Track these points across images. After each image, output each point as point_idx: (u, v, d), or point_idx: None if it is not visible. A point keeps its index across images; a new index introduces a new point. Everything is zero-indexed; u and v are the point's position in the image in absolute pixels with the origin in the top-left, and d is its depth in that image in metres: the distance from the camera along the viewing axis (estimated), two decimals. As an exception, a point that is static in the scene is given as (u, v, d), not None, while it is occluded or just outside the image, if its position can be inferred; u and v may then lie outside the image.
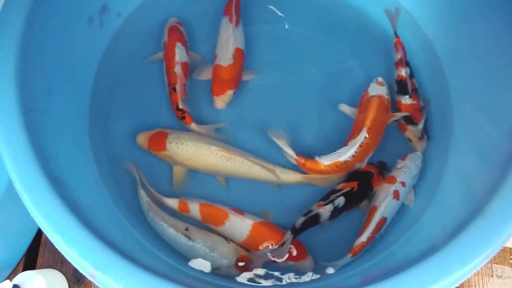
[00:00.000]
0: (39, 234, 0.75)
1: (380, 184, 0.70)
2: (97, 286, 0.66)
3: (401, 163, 0.71)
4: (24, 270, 0.72)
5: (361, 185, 0.68)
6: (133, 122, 0.75)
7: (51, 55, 0.63)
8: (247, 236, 0.66)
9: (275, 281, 0.66)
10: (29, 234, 0.73)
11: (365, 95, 0.74)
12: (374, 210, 0.67)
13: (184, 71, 0.77)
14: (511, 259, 0.74)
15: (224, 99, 0.75)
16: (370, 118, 0.69)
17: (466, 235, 0.47)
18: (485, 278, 0.73)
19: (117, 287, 0.44)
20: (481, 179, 0.58)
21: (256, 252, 0.66)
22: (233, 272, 0.65)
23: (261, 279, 0.65)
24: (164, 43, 0.79)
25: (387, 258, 0.63)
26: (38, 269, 0.73)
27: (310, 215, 0.65)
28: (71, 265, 0.46)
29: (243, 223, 0.67)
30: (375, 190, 0.70)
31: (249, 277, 0.65)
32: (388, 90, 0.74)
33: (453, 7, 0.73)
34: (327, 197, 0.67)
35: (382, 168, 0.72)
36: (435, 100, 0.76)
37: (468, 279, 0.71)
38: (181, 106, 0.74)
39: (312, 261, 0.67)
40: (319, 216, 0.65)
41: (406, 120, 0.73)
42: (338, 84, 0.80)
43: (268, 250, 0.65)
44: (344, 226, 0.69)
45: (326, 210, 0.65)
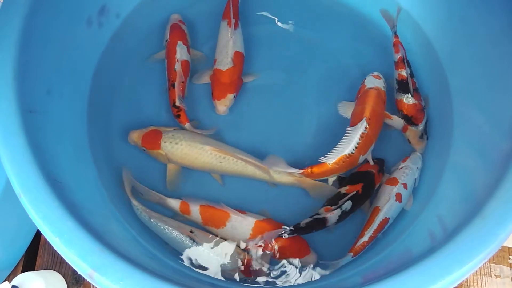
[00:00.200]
0: (38, 235, 0.74)
1: (382, 185, 0.70)
2: (95, 287, 0.66)
3: (402, 164, 0.71)
4: (23, 271, 0.72)
5: (365, 186, 0.68)
6: (132, 123, 0.75)
7: (49, 56, 0.63)
8: (250, 235, 0.66)
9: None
10: (28, 235, 0.73)
11: (362, 88, 0.73)
12: (376, 211, 0.67)
13: (184, 69, 0.77)
14: (509, 258, 0.74)
15: (225, 103, 0.75)
16: (369, 109, 0.68)
17: (465, 235, 0.47)
18: (483, 277, 0.73)
19: (115, 288, 0.44)
20: (480, 178, 0.58)
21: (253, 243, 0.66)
22: (237, 275, 0.65)
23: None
24: (166, 41, 0.80)
25: (386, 258, 0.63)
26: (37, 270, 0.73)
27: (316, 217, 0.65)
28: (70, 266, 0.46)
29: (245, 222, 0.67)
30: (377, 187, 0.70)
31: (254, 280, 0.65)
32: (385, 84, 0.74)
33: (451, 7, 0.73)
34: (335, 202, 0.67)
35: (381, 165, 0.72)
36: (434, 100, 0.76)
37: (467, 278, 0.72)
38: (177, 103, 0.74)
39: (315, 256, 0.67)
40: (326, 220, 0.65)
41: (407, 120, 0.73)
42: (337, 84, 0.80)
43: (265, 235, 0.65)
44: (345, 225, 0.69)
45: (334, 214, 0.65)
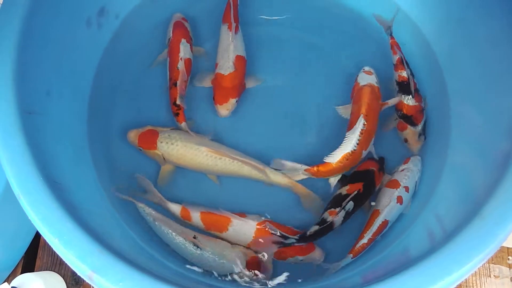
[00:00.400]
0: (37, 237, 0.74)
1: (383, 188, 0.70)
2: (95, 288, 0.66)
3: (403, 166, 0.71)
4: (22, 272, 0.72)
5: (366, 185, 0.69)
6: (131, 124, 0.75)
7: (49, 57, 0.63)
8: (252, 237, 0.67)
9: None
10: (27, 236, 0.73)
11: (356, 86, 0.75)
12: (376, 213, 0.67)
13: (187, 68, 0.77)
14: (508, 259, 0.74)
15: (227, 108, 0.75)
16: (365, 106, 0.70)
17: (464, 235, 0.47)
18: (482, 278, 0.73)
19: (114, 289, 0.44)
20: (478, 179, 0.58)
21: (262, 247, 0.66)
22: (246, 276, 0.65)
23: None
24: (169, 39, 0.80)
25: (386, 258, 0.63)
26: (36, 271, 0.72)
27: (326, 225, 0.65)
28: (69, 268, 0.46)
29: (246, 225, 0.67)
30: (378, 187, 0.70)
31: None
32: (377, 78, 0.75)
33: (450, 8, 0.73)
34: (338, 203, 0.67)
35: (381, 164, 0.72)
36: (433, 101, 0.76)
37: (466, 279, 0.72)
38: (178, 102, 0.74)
39: (321, 252, 0.67)
40: (333, 224, 0.65)
41: (406, 120, 0.73)
42: (337, 85, 0.80)
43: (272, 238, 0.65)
44: (347, 223, 0.69)
45: (339, 217, 0.66)
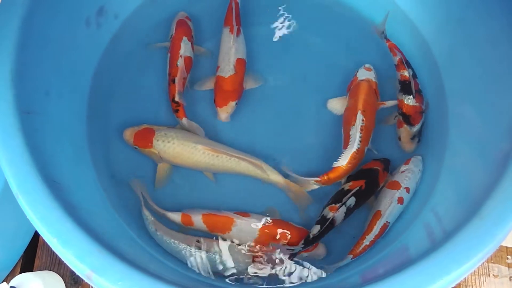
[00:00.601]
0: (36, 236, 0.74)
1: (384, 189, 0.70)
2: (94, 288, 0.66)
3: (404, 167, 0.71)
4: (21, 272, 0.72)
5: (368, 182, 0.69)
6: (131, 124, 0.75)
7: (48, 57, 0.63)
8: (257, 236, 0.67)
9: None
10: (26, 236, 0.73)
11: (354, 80, 0.76)
12: (378, 215, 0.67)
13: (186, 65, 0.77)
14: (507, 258, 0.74)
15: (227, 110, 0.75)
16: (362, 101, 0.71)
17: (463, 235, 0.47)
18: (481, 277, 0.73)
19: (113, 289, 0.44)
20: (477, 178, 0.58)
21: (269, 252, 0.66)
22: (254, 276, 0.65)
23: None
24: (171, 36, 0.80)
25: (385, 258, 0.63)
26: (35, 271, 0.72)
27: (328, 223, 0.65)
28: (68, 267, 0.46)
29: (250, 225, 0.67)
30: (382, 185, 0.70)
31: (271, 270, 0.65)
32: (376, 75, 0.76)
33: (450, 9, 0.73)
34: (339, 199, 0.67)
35: (386, 164, 0.72)
36: (432, 101, 0.76)
37: (465, 278, 0.71)
38: (177, 99, 0.74)
39: (324, 248, 0.67)
40: (334, 220, 0.65)
41: (404, 118, 0.73)
42: (337, 85, 0.80)
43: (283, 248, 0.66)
44: (349, 221, 0.69)
45: (340, 213, 0.66)
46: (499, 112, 0.60)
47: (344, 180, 0.71)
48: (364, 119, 0.70)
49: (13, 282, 0.66)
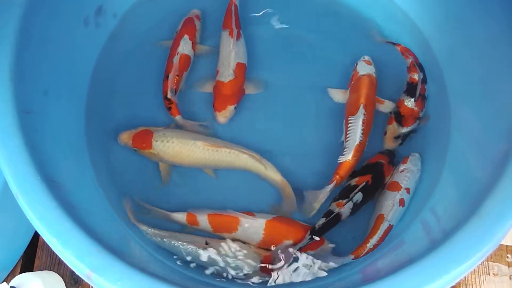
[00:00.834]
0: (36, 236, 0.74)
1: (385, 191, 0.69)
2: (94, 288, 0.66)
3: (402, 167, 0.70)
4: (21, 272, 0.72)
5: (374, 176, 0.69)
6: (130, 123, 0.75)
7: (46, 57, 0.63)
8: (263, 235, 0.66)
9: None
10: (26, 236, 0.73)
11: (355, 75, 0.76)
12: (381, 218, 0.66)
13: (181, 63, 0.77)
14: (507, 257, 0.74)
15: (225, 115, 0.75)
16: (364, 96, 0.72)
17: (462, 234, 0.47)
18: (481, 276, 0.73)
19: (113, 289, 0.44)
20: (477, 178, 0.58)
21: (278, 249, 0.66)
22: (262, 275, 0.65)
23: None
24: (176, 32, 0.80)
25: (385, 257, 0.63)
26: (35, 271, 0.72)
27: (332, 216, 0.65)
28: (68, 267, 0.46)
29: (255, 224, 0.67)
30: (387, 180, 0.70)
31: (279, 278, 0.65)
32: (375, 69, 0.76)
33: (448, 7, 0.73)
34: (346, 194, 0.67)
35: (391, 157, 0.72)
36: (432, 100, 0.76)
37: (465, 277, 0.71)
38: (169, 96, 0.74)
39: (329, 244, 0.67)
40: (340, 215, 0.65)
41: (396, 116, 0.73)
42: (336, 83, 0.80)
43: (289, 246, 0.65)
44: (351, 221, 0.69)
45: (346, 208, 0.66)
46: (500, 112, 0.60)
47: (351, 176, 0.71)
48: (365, 113, 0.71)
49: (13, 282, 0.66)
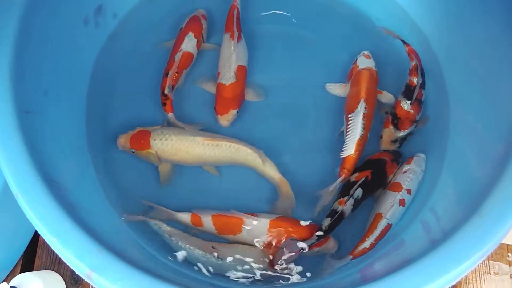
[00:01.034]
0: (36, 236, 0.74)
1: (385, 191, 0.69)
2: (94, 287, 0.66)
3: (406, 167, 0.70)
4: (21, 271, 0.72)
5: (375, 173, 0.69)
6: (130, 123, 0.75)
7: (46, 56, 0.63)
8: (267, 236, 0.66)
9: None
10: (26, 235, 0.73)
11: (354, 68, 0.76)
12: (379, 217, 0.66)
13: (183, 60, 0.77)
14: (508, 256, 0.74)
15: (227, 118, 0.75)
16: (364, 90, 0.73)
17: (463, 233, 0.47)
18: (482, 275, 0.73)
19: (113, 288, 0.44)
20: (477, 178, 0.58)
21: (284, 245, 0.66)
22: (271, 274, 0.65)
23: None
24: (181, 29, 0.80)
25: (385, 257, 0.63)
26: (35, 270, 0.72)
27: (336, 215, 0.65)
28: (68, 267, 0.46)
29: (259, 224, 0.67)
30: (390, 178, 0.70)
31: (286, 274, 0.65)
32: (375, 62, 0.76)
33: (448, 5, 0.73)
34: (347, 191, 0.67)
35: (397, 156, 0.72)
36: (432, 99, 0.76)
37: (466, 276, 0.72)
38: (166, 92, 0.74)
39: (334, 241, 0.67)
40: (344, 213, 0.66)
41: (393, 119, 0.73)
42: (335, 82, 0.80)
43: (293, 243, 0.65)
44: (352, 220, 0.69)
45: (348, 205, 0.66)
46: (500, 111, 0.60)
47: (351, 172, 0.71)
48: (366, 107, 0.71)
49: (13, 282, 0.66)
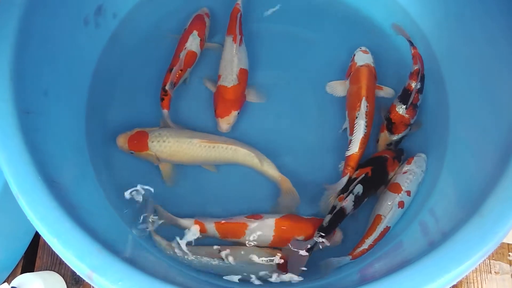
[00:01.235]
0: (37, 236, 0.74)
1: (385, 192, 0.69)
2: (95, 287, 0.66)
3: (406, 168, 0.70)
4: (22, 272, 0.72)
5: (376, 170, 0.69)
6: (130, 123, 0.75)
7: (46, 57, 0.63)
8: (273, 236, 0.66)
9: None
10: (26, 236, 0.73)
11: (353, 65, 0.76)
12: (378, 219, 0.66)
13: (187, 59, 0.77)
14: (509, 255, 0.74)
15: (228, 121, 0.74)
16: (365, 87, 0.73)
17: (464, 233, 0.47)
18: (483, 274, 0.73)
19: (114, 289, 0.44)
20: (477, 177, 0.57)
21: (291, 247, 0.65)
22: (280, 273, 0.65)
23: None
24: (185, 28, 0.80)
25: (384, 257, 0.63)
26: (36, 271, 0.72)
27: (336, 211, 0.65)
28: (69, 267, 0.46)
29: (264, 226, 0.67)
30: (391, 176, 0.71)
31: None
32: (373, 58, 0.77)
33: (447, 4, 0.73)
34: (346, 188, 0.67)
35: (399, 154, 0.72)
36: (431, 99, 0.76)
37: (466, 275, 0.71)
38: (167, 87, 0.75)
39: (340, 233, 0.67)
40: (344, 209, 0.65)
41: (388, 124, 0.73)
42: (334, 79, 0.79)
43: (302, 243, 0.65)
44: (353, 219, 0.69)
45: (348, 201, 0.66)
46: (500, 111, 0.60)
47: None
48: (368, 104, 0.71)
49: (14, 282, 0.66)
